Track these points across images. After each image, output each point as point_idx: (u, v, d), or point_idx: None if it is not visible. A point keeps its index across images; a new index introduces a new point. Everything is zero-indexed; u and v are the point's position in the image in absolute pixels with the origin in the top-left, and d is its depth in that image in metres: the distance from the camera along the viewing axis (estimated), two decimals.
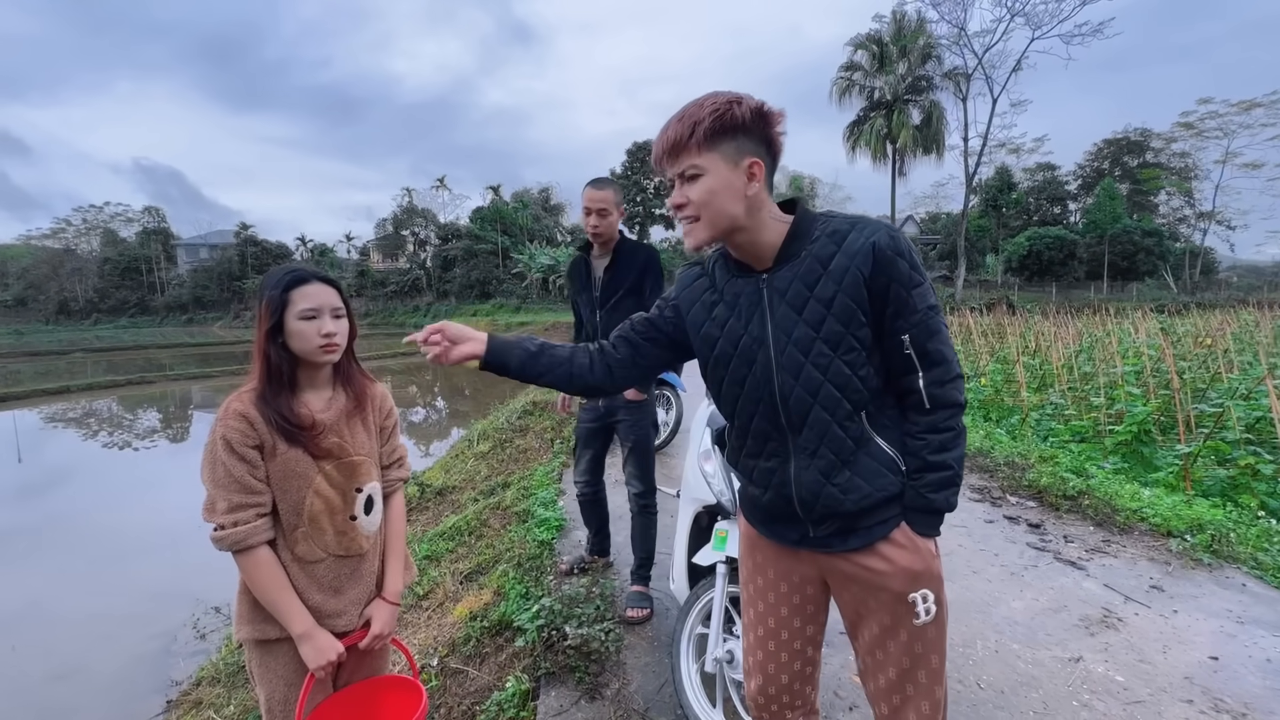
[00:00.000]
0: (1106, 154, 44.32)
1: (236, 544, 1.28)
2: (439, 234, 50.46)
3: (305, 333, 1.35)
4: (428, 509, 5.11)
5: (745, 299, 1.17)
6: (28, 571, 5.44)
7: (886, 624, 1.18)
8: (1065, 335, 10.10)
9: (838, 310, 1.09)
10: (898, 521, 1.16)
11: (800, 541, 1.23)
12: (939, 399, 1.12)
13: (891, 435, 1.17)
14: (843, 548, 1.18)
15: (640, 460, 2.67)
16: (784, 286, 1.13)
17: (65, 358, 27.89)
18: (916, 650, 1.18)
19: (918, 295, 1.09)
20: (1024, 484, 4.27)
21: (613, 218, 2.52)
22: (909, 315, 1.09)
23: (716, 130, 1.06)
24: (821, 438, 1.13)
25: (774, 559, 1.29)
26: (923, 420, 1.14)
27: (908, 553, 1.15)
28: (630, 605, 2.60)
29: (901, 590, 1.15)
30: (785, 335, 1.12)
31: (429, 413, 14.43)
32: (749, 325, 1.16)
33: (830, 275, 1.09)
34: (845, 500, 1.14)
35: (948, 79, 31.27)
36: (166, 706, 3.42)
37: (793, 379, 1.12)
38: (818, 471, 1.14)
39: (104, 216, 60.98)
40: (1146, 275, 36.12)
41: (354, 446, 1.45)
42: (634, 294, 2.52)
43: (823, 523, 1.18)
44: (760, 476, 1.22)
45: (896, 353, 1.12)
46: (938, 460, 1.13)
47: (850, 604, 1.23)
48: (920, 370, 1.12)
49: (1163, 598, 2.78)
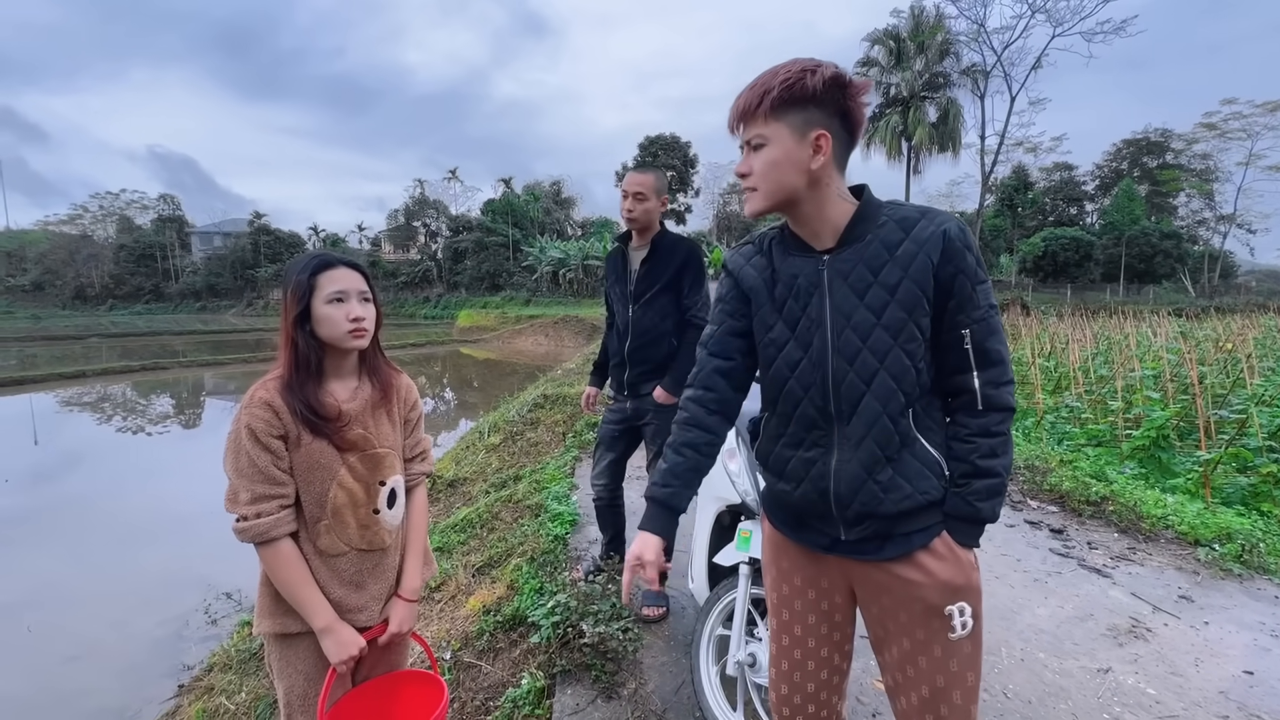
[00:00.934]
0: (1126, 154, 43.65)
1: (259, 536, 1.25)
2: (450, 226, 50.58)
3: (333, 317, 1.31)
4: (439, 500, 5.11)
5: (804, 279, 1.12)
6: (44, 554, 5.49)
7: (920, 639, 1.11)
8: (1081, 338, 9.96)
9: (902, 296, 1.05)
10: (938, 530, 1.10)
11: (831, 547, 1.17)
12: (993, 401, 1.07)
13: (936, 438, 1.11)
14: (877, 556, 1.12)
15: None
16: (846, 269, 1.08)
17: (81, 343, 28.23)
18: (952, 668, 1.10)
19: (981, 292, 1.06)
20: (1045, 488, 4.19)
21: (650, 204, 2.37)
22: (971, 310, 1.06)
23: (785, 100, 1.03)
24: (869, 428, 1.08)
25: (801, 565, 1.23)
26: (974, 423, 1.09)
27: (948, 565, 1.09)
28: (646, 604, 2.55)
29: (938, 603, 1.08)
30: (844, 318, 1.08)
31: (437, 404, 14.48)
32: (807, 307, 1.11)
33: (897, 261, 1.05)
34: (885, 500, 1.08)
35: (965, 76, 30.91)
36: (178, 690, 3.44)
37: (847, 364, 1.08)
38: (860, 465, 1.09)
39: (120, 203, 61.59)
40: (1164, 278, 35.60)
41: (379, 439, 1.41)
42: (670, 290, 2.39)
43: (858, 524, 1.12)
44: (796, 469, 1.16)
45: (954, 348, 1.07)
46: (987, 466, 1.07)
47: (879, 617, 1.16)
48: (976, 369, 1.07)
49: (1192, 608, 2.71)
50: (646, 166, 2.43)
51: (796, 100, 1.03)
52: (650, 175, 2.39)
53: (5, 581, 4.90)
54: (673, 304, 2.41)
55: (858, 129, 1.09)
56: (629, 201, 2.37)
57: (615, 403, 2.63)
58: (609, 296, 2.63)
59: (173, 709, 3.27)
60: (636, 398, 2.50)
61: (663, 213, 2.47)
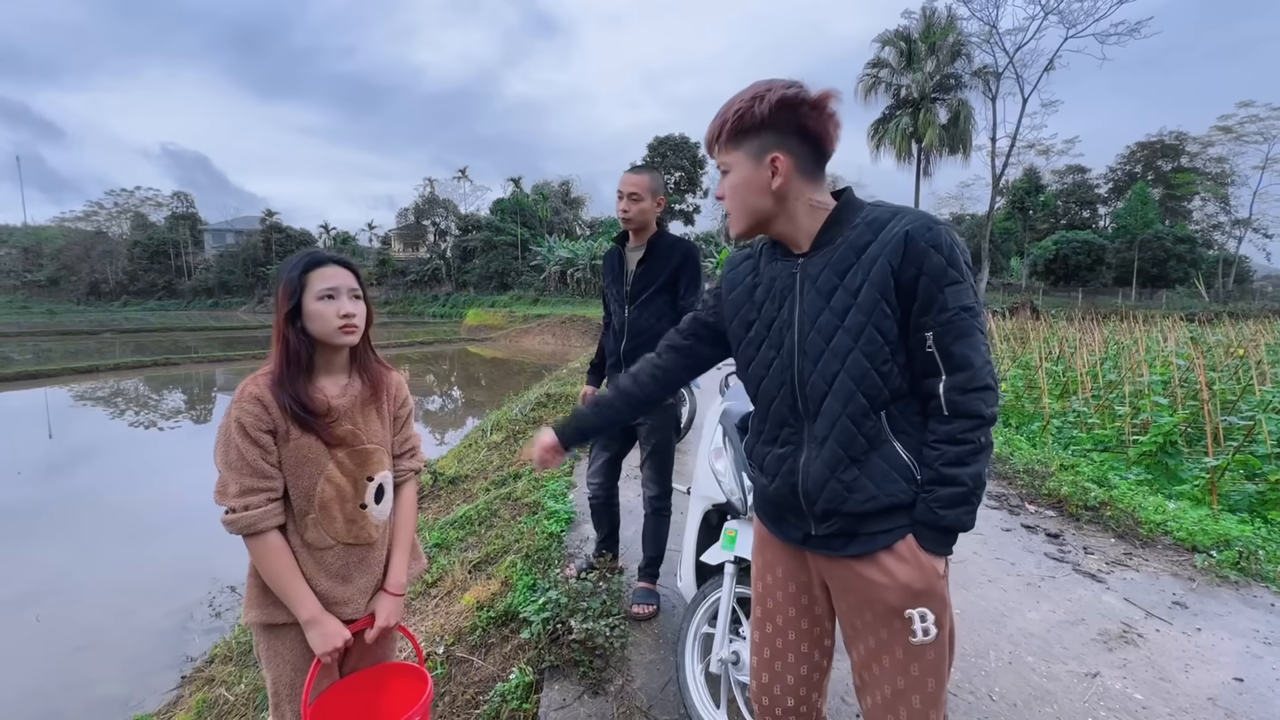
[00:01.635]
0: (1139, 157, 43.16)
1: (247, 528, 1.29)
2: (459, 224, 50.79)
3: (324, 314, 1.34)
4: (440, 497, 5.15)
5: (780, 282, 1.18)
6: (55, 545, 5.59)
7: (883, 638, 1.12)
8: (1090, 341, 9.88)
9: (863, 300, 1.07)
10: (904, 533, 1.10)
11: (804, 541, 1.20)
12: (959, 407, 1.05)
13: (911, 442, 1.11)
14: (842, 552, 1.14)
15: (660, 463, 2.58)
16: (816, 272, 1.12)
17: (95, 338, 28.61)
18: (912, 672, 1.11)
19: (951, 293, 1.03)
20: (1043, 492, 4.18)
21: (645, 204, 2.38)
22: (937, 313, 1.04)
23: (737, 130, 1.11)
24: (831, 428, 1.11)
25: (781, 557, 1.27)
26: (940, 429, 1.07)
27: (909, 567, 1.09)
28: (637, 602, 2.58)
29: (898, 605, 1.09)
30: (810, 321, 1.12)
31: (445, 401, 14.57)
32: (780, 309, 1.17)
33: (861, 264, 1.08)
34: (849, 499, 1.10)
35: (977, 77, 30.68)
36: (181, 681, 3.50)
37: (812, 364, 1.12)
38: (824, 463, 1.12)
39: (135, 200, 62.33)
40: (1177, 283, 35.17)
41: (367, 434, 1.44)
42: (666, 291, 2.39)
43: (825, 520, 1.14)
44: (772, 464, 1.21)
45: (918, 351, 1.07)
46: (951, 474, 1.05)
47: (846, 614, 1.19)
48: (943, 373, 1.06)
49: (1186, 615, 2.70)
50: (643, 167, 2.43)
51: (748, 129, 1.10)
52: (645, 176, 2.39)
53: (16, 572, 5.00)
54: (669, 305, 2.41)
55: (824, 140, 1.11)
56: (624, 202, 2.38)
57: None
58: (606, 296, 2.65)
59: (175, 699, 3.32)
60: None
61: (660, 213, 2.47)
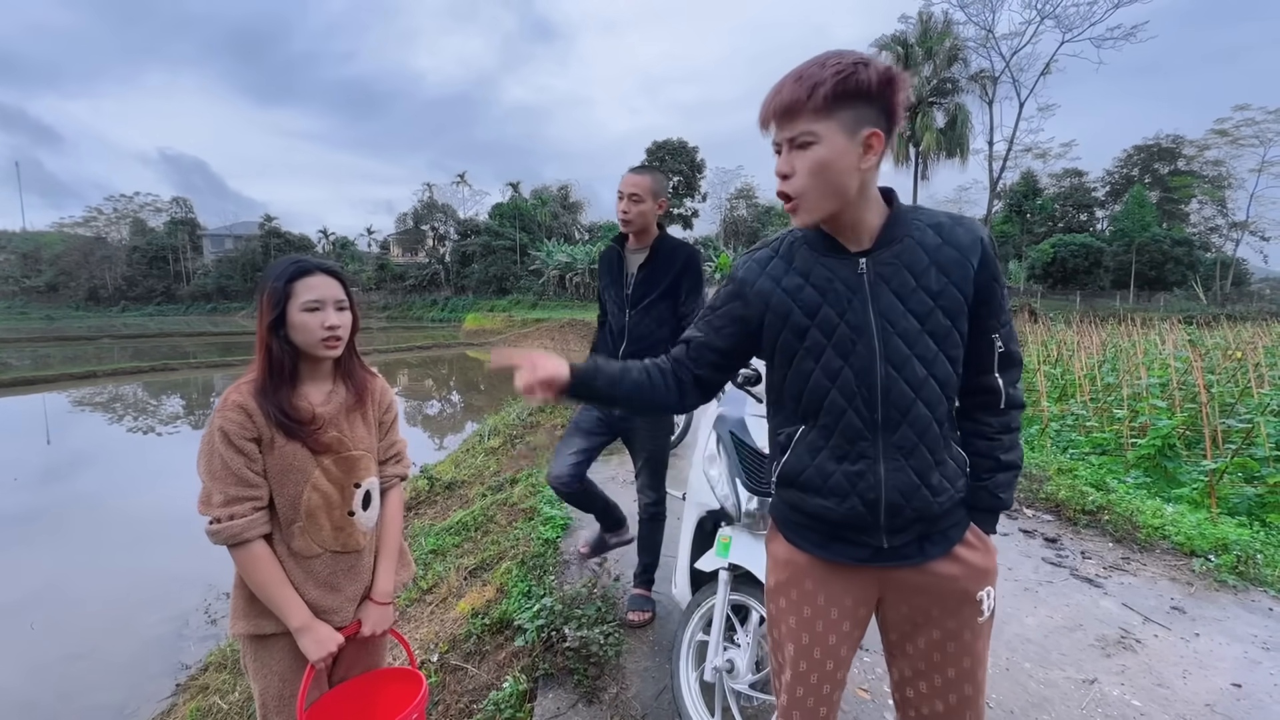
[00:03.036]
0: (1136, 160, 43.29)
1: (232, 538, 1.27)
2: (458, 229, 50.83)
3: (308, 325, 1.33)
4: (436, 503, 5.13)
5: (841, 283, 1.07)
6: (50, 552, 5.56)
7: (950, 627, 1.13)
8: (1089, 345, 9.88)
9: (946, 303, 1.06)
10: (967, 523, 1.16)
11: (870, 558, 1.13)
12: (1013, 399, 1.14)
13: (957, 436, 1.17)
14: (920, 558, 1.12)
15: (655, 469, 2.53)
16: (888, 272, 1.05)
17: (94, 343, 28.59)
18: (978, 648, 1.15)
19: (1004, 297, 1.11)
20: (1041, 496, 4.17)
21: (646, 205, 2.31)
22: (1000, 315, 1.11)
23: (838, 94, 0.96)
24: (921, 436, 1.08)
25: (824, 584, 1.17)
26: (997, 421, 1.15)
27: (980, 552, 1.15)
28: (632, 608, 2.56)
29: (972, 590, 1.13)
30: (890, 325, 1.05)
31: (444, 406, 14.55)
32: (845, 313, 1.07)
33: (938, 266, 1.06)
34: (934, 503, 1.09)
35: (974, 81, 30.84)
36: (176, 689, 3.48)
37: (896, 372, 1.06)
38: (913, 473, 1.08)
39: (134, 206, 62.26)
40: (1175, 285, 35.22)
41: (353, 441, 1.43)
42: (669, 297, 2.35)
43: (902, 531, 1.11)
44: (842, 482, 1.10)
45: (986, 351, 1.12)
46: (1009, 460, 1.15)
47: (908, 615, 1.16)
48: (1000, 370, 1.13)
49: (1184, 620, 2.69)
50: (644, 168, 2.35)
51: (850, 95, 0.96)
52: (647, 177, 2.32)
53: (12, 579, 4.97)
54: (670, 310, 2.37)
55: (896, 130, 1.04)
56: (625, 203, 2.31)
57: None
58: (603, 297, 2.58)
59: (169, 707, 3.30)
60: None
61: (660, 216, 2.42)
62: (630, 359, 1.69)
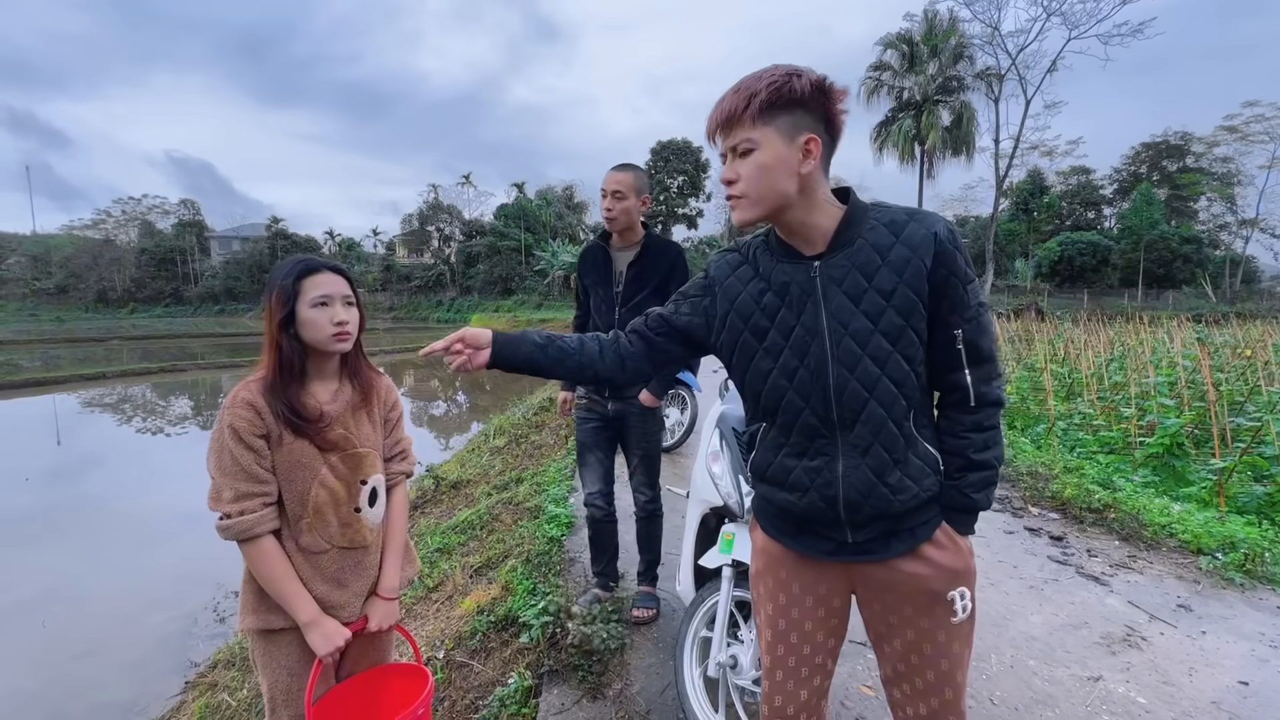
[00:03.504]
0: (1144, 158, 42.96)
1: (242, 533, 1.29)
2: (464, 230, 51.02)
3: (317, 321, 1.35)
4: (441, 502, 5.16)
5: (796, 287, 1.12)
6: (61, 551, 5.62)
7: (924, 627, 1.14)
8: (1096, 343, 9.82)
9: (898, 302, 1.06)
10: (938, 522, 1.14)
11: (835, 551, 1.17)
12: (984, 397, 1.11)
13: (930, 434, 1.15)
14: (885, 554, 1.14)
15: (649, 469, 2.55)
16: (839, 275, 1.08)
17: (103, 344, 28.84)
18: (954, 650, 1.15)
19: (971, 291, 1.08)
20: (1047, 495, 4.16)
21: (629, 203, 2.31)
22: (963, 310, 1.08)
23: (773, 103, 1.03)
24: (875, 435, 1.09)
25: (798, 572, 1.22)
26: (967, 419, 1.12)
27: (950, 553, 1.14)
28: (637, 605, 2.57)
29: (941, 590, 1.12)
30: (842, 326, 1.08)
31: (450, 406, 14.60)
32: (801, 315, 1.11)
33: (890, 266, 1.07)
34: (894, 501, 1.10)
35: (980, 79, 30.67)
36: (185, 687, 3.51)
37: (848, 372, 1.08)
38: (869, 470, 1.10)
39: (142, 208, 62.69)
40: (1184, 283, 34.94)
41: (359, 438, 1.45)
42: (659, 294, 2.36)
43: (865, 527, 1.13)
44: (801, 478, 1.15)
45: (947, 348, 1.10)
46: (981, 459, 1.12)
47: (881, 614, 1.18)
48: (968, 366, 1.10)
49: (1190, 618, 2.68)
50: (626, 165, 2.33)
51: (784, 103, 1.03)
52: (629, 173, 2.31)
53: (24, 578, 5.02)
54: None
55: (839, 135, 1.10)
56: (608, 201, 2.32)
57: (591, 402, 2.54)
58: (586, 295, 2.55)
59: (179, 704, 3.33)
60: (620, 400, 2.45)
61: (645, 212, 2.42)
62: None
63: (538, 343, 1.26)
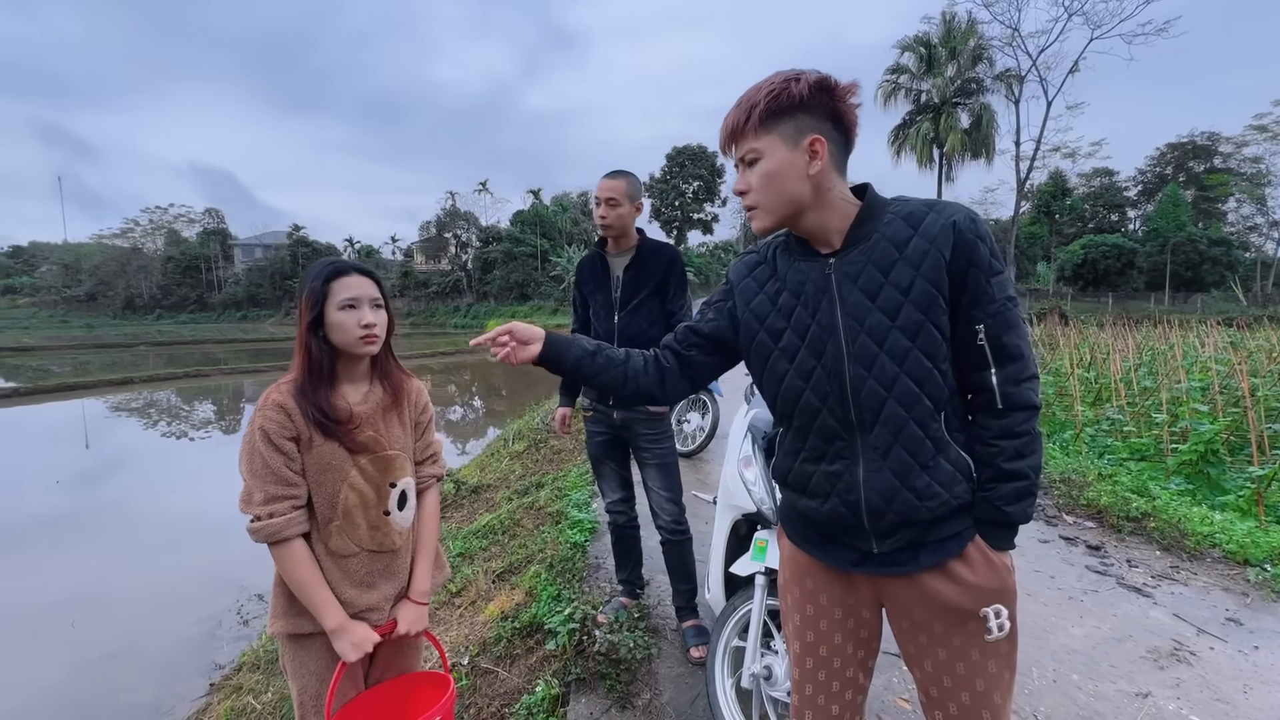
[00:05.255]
0: (1170, 159, 42.15)
1: (272, 536, 1.28)
2: (480, 236, 51.50)
3: (345, 323, 1.34)
4: (463, 506, 5.16)
5: (812, 285, 1.09)
6: (90, 553, 5.71)
7: (956, 645, 1.07)
8: (1123, 347, 9.60)
9: (916, 296, 1.01)
10: (970, 534, 1.07)
11: (860, 562, 1.12)
12: (1013, 399, 1.03)
13: (964, 439, 1.09)
14: (912, 567, 1.08)
15: (669, 480, 2.39)
16: (855, 271, 1.05)
17: (130, 350, 29.50)
18: (990, 670, 1.07)
19: (996, 284, 1.02)
20: (1081, 502, 4.03)
21: (623, 209, 2.30)
22: (986, 304, 1.02)
23: (773, 111, 1.03)
24: (895, 436, 1.04)
25: (826, 583, 1.18)
26: (995, 424, 1.04)
27: (983, 569, 1.06)
28: (691, 643, 2.36)
29: (972, 608, 1.05)
30: (858, 323, 1.04)
31: (466, 411, 14.67)
32: (817, 313, 1.08)
33: (907, 259, 1.02)
34: (921, 508, 1.04)
35: (999, 81, 30.32)
36: (209, 689, 3.52)
37: (865, 370, 1.04)
38: (891, 474, 1.04)
39: (168, 217, 64.13)
40: (1213, 286, 34.14)
41: (389, 441, 1.43)
42: (656, 296, 2.34)
43: (891, 535, 1.07)
44: (821, 483, 1.11)
45: (969, 345, 1.04)
46: (1013, 469, 1.03)
47: (911, 631, 1.12)
48: (994, 366, 1.03)
49: (1241, 632, 2.57)
50: (618, 172, 2.33)
51: (784, 109, 1.02)
52: (621, 180, 2.30)
53: (54, 579, 5.11)
54: (659, 309, 2.35)
55: (852, 130, 1.08)
56: (602, 208, 2.31)
57: (597, 414, 2.47)
58: (584, 303, 2.52)
59: (204, 707, 3.34)
60: (624, 408, 2.37)
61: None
62: None
63: (587, 349, 1.27)
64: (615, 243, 2.42)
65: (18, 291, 60.54)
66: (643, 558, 2.67)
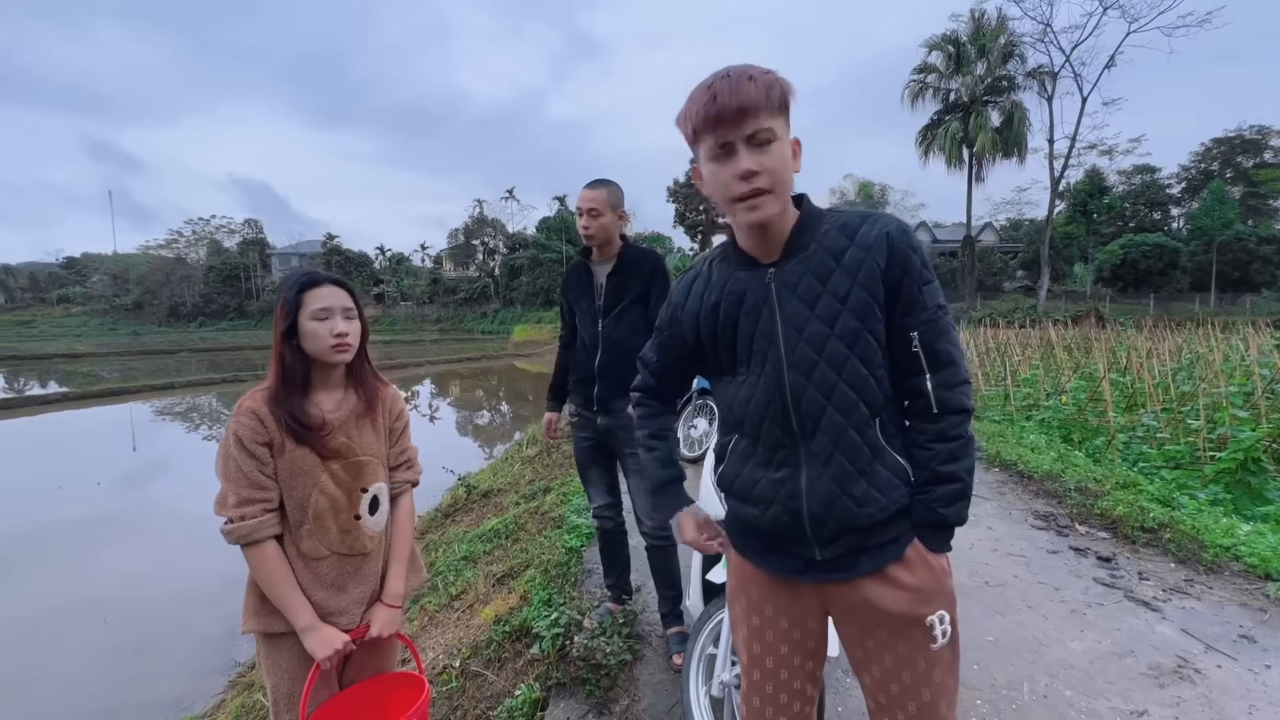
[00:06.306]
0: (1216, 154, 40.44)
1: (244, 537, 1.34)
2: (507, 243, 52.21)
3: (318, 333, 1.40)
4: (472, 510, 5.24)
5: (752, 294, 1.10)
6: (125, 552, 5.97)
7: (901, 653, 1.08)
8: (1161, 351, 9.24)
9: (853, 305, 1.03)
10: (909, 538, 1.09)
11: (805, 570, 1.13)
12: (947, 403, 1.06)
13: (899, 444, 1.10)
14: (853, 573, 1.09)
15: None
16: (794, 280, 1.06)
17: (173, 356, 30.72)
18: (935, 678, 1.08)
19: (928, 292, 1.05)
20: (1096, 512, 3.91)
21: (605, 219, 2.34)
22: (919, 312, 1.05)
23: (784, 99, 1.01)
24: (836, 444, 1.06)
25: (771, 593, 1.19)
26: (930, 428, 1.07)
27: (922, 572, 1.08)
28: (676, 650, 2.38)
29: (917, 614, 1.07)
30: (797, 332, 1.06)
31: (493, 416, 14.88)
32: (759, 322, 1.09)
33: (844, 268, 1.04)
34: (860, 514, 1.06)
35: (1031, 78, 29.58)
36: (226, 686, 3.66)
37: (804, 378, 1.05)
38: (831, 481, 1.06)
39: (210, 228, 66.60)
40: (1263, 286, 32.58)
41: (361, 447, 1.49)
42: (639, 303, 2.37)
43: (832, 542, 1.09)
44: (766, 490, 1.12)
45: (903, 352, 1.06)
46: (948, 471, 1.06)
47: (856, 637, 1.13)
48: (928, 371, 1.06)
49: (1253, 649, 2.46)
50: (599, 182, 2.37)
51: (787, 102, 1.03)
52: (603, 190, 2.35)
53: (91, 577, 5.35)
54: (642, 316, 2.37)
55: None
56: (585, 219, 2.35)
57: (582, 419, 2.51)
58: (572, 312, 2.55)
59: (220, 702, 3.48)
60: (608, 414, 2.39)
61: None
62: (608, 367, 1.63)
63: (676, 477, 1.36)
64: (599, 251, 2.46)
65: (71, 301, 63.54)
66: (630, 563, 2.69)
